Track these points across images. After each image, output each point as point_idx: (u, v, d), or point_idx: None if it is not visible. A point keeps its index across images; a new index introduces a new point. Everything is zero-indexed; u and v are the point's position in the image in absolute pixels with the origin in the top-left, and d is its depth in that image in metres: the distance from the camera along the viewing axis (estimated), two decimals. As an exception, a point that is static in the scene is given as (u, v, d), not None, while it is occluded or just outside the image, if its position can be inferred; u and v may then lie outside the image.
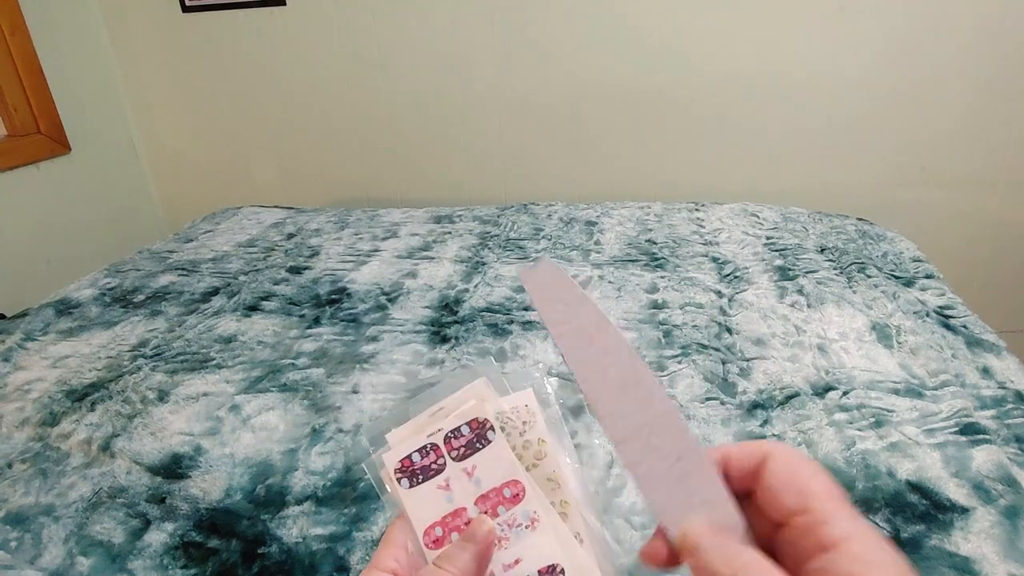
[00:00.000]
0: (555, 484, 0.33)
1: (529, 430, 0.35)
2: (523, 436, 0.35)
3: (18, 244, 1.63)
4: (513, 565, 0.31)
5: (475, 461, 0.34)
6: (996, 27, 1.37)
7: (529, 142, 1.71)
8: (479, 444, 0.34)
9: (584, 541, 0.32)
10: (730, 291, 0.95)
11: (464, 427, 0.34)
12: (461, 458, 0.34)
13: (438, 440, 0.34)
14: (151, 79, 1.88)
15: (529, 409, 0.36)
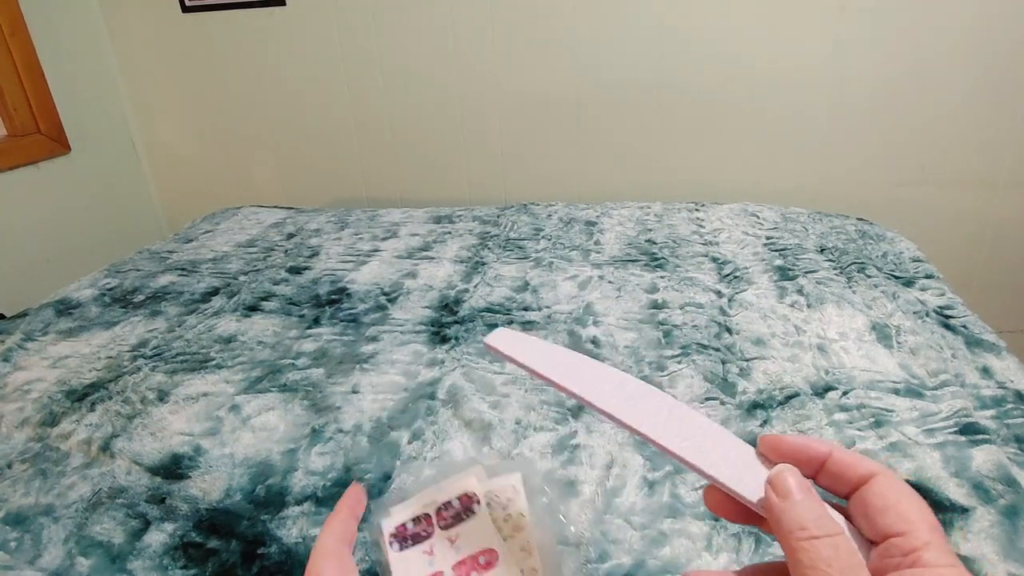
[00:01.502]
0: (527, 553, 0.37)
1: (511, 506, 0.39)
2: (505, 510, 0.39)
3: (18, 244, 1.63)
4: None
5: (459, 531, 0.37)
6: (996, 27, 1.37)
7: (529, 142, 1.71)
8: (464, 516, 0.38)
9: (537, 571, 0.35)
10: (730, 291, 0.95)
11: (455, 500, 0.39)
12: (447, 527, 0.38)
13: (431, 511, 0.39)
14: (151, 79, 1.88)
15: (515, 489, 0.40)
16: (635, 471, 0.61)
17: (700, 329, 0.85)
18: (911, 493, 0.26)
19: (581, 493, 0.58)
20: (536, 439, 0.65)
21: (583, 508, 0.57)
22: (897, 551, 0.24)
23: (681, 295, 0.94)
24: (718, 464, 0.29)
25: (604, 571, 0.51)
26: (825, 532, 0.24)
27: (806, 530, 0.24)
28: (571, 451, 0.63)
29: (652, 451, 0.63)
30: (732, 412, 0.69)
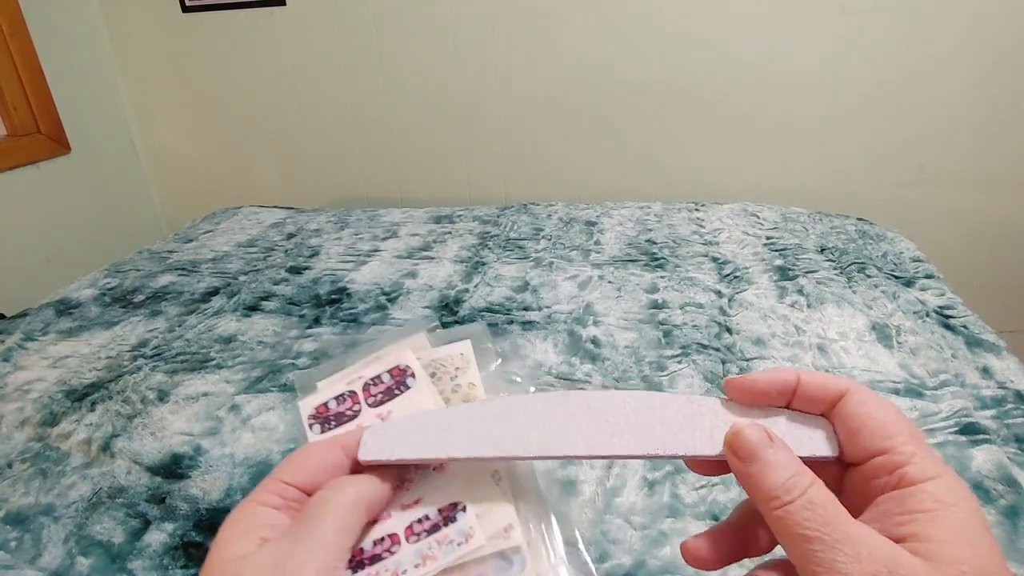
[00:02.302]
0: None
1: (460, 375, 0.35)
2: (454, 380, 0.35)
3: (18, 244, 1.63)
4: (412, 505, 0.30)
5: (391, 407, 0.33)
6: (996, 27, 1.37)
7: (529, 142, 1.71)
8: (397, 390, 0.34)
9: (503, 479, 0.31)
10: (730, 291, 0.95)
11: (385, 374, 0.34)
12: (377, 404, 0.33)
13: (357, 387, 0.34)
14: (151, 79, 1.88)
15: (464, 357, 0.36)
16: (635, 471, 0.61)
17: (700, 329, 0.85)
18: (885, 405, 0.25)
19: (581, 493, 0.58)
20: (536, 439, 0.65)
21: (583, 508, 0.57)
22: (882, 471, 0.23)
23: (681, 295, 0.94)
24: (674, 437, 0.27)
25: (604, 571, 0.51)
26: (797, 494, 0.22)
27: (777, 499, 0.22)
28: (571, 451, 0.63)
29: (652, 451, 0.63)
30: (732, 412, 0.69)
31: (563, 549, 0.30)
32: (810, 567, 0.21)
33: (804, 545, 0.21)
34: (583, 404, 0.29)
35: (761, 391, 0.27)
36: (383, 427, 0.30)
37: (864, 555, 0.20)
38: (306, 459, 0.29)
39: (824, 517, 0.21)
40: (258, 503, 0.27)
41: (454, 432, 0.29)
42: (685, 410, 0.28)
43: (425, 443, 0.29)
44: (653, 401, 0.28)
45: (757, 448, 0.24)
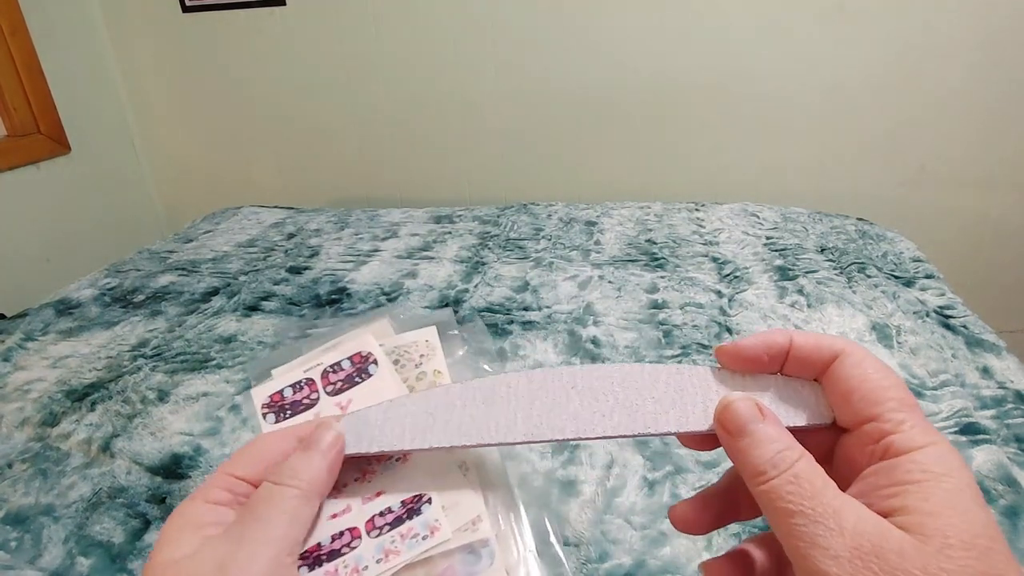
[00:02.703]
0: None
1: (426, 362, 0.34)
2: (418, 368, 0.34)
3: (18, 244, 1.63)
4: (373, 498, 0.28)
5: (351, 395, 0.32)
6: (997, 26, 1.37)
7: (529, 142, 1.71)
8: (358, 378, 0.32)
9: (471, 470, 0.29)
10: (730, 291, 0.95)
11: (345, 361, 0.33)
12: (336, 392, 0.32)
13: (315, 375, 0.32)
14: (151, 79, 1.88)
15: (429, 344, 0.34)
16: (635, 471, 0.61)
17: (700, 329, 0.85)
18: (879, 368, 0.24)
19: (581, 493, 0.58)
20: (536, 439, 0.65)
21: (583, 508, 0.57)
22: (870, 439, 0.22)
23: (681, 295, 0.94)
24: (665, 414, 0.26)
25: (604, 571, 0.51)
26: (783, 468, 0.21)
27: (764, 474, 0.22)
28: (571, 451, 0.63)
29: (652, 451, 0.63)
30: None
31: (533, 542, 0.29)
32: (793, 541, 0.20)
33: (787, 519, 0.21)
34: (569, 383, 0.27)
35: (752, 357, 0.26)
36: (358, 417, 0.28)
37: (847, 528, 0.20)
38: (258, 451, 0.27)
39: (809, 491, 0.21)
40: (204, 500, 0.25)
41: (436, 420, 0.27)
42: (675, 383, 0.27)
43: (405, 433, 0.27)
44: (642, 375, 0.27)
45: (746, 422, 0.23)
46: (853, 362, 0.24)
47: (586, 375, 0.27)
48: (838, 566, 0.19)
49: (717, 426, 0.24)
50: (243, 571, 0.22)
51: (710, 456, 0.62)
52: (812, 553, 0.20)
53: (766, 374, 0.27)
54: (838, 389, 0.24)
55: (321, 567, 0.25)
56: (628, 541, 0.54)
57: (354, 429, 0.28)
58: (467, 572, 0.26)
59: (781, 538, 0.21)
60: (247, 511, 0.25)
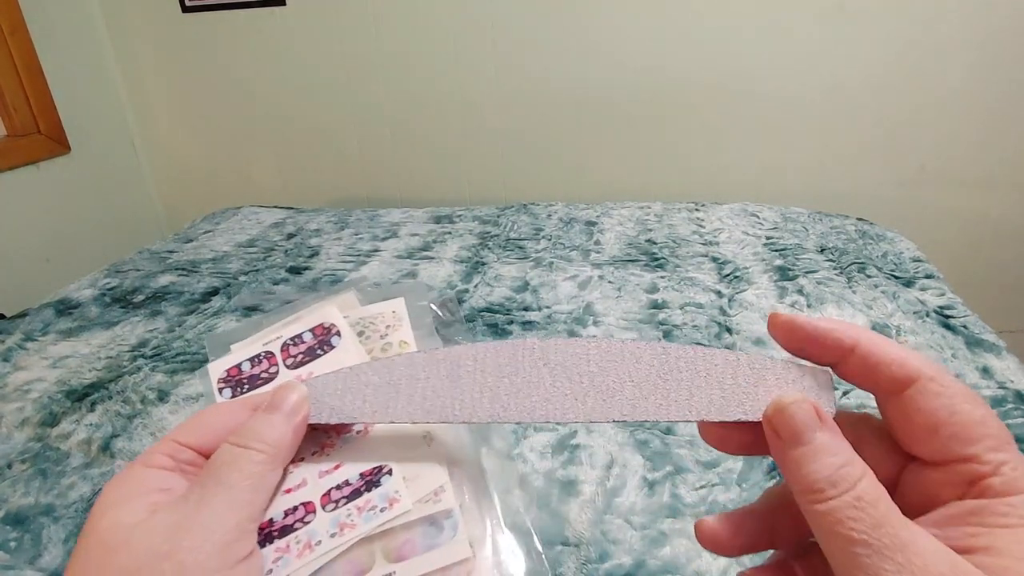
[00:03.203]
0: None
1: (392, 333, 0.32)
2: (384, 339, 0.32)
3: (18, 244, 1.63)
4: (332, 471, 0.26)
5: (312, 368, 0.30)
6: (997, 26, 1.37)
7: (529, 142, 1.71)
8: (320, 351, 0.31)
9: (434, 440, 0.28)
10: (730, 291, 0.95)
11: (307, 333, 0.32)
12: (297, 365, 0.30)
13: (274, 348, 0.31)
14: (151, 79, 1.88)
15: (396, 315, 0.33)
16: (635, 471, 0.61)
17: (700, 329, 0.85)
18: (967, 396, 0.21)
19: (581, 493, 0.58)
20: (536, 439, 0.65)
21: (583, 508, 0.57)
22: (959, 478, 0.20)
23: (681, 295, 0.94)
24: (644, 400, 0.24)
25: (604, 571, 0.51)
26: (844, 487, 0.19)
27: (821, 492, 0.19)
28: (571, 451, 0.63)
29: (652, 451, 0.63)
30: (732, 412, 0.69)
31: (501, 515, 0.27)
32: (851, 571, 0.18)
33: (847, 547, 0.19)
34: (541, 358, 0.25)
35: (809, 338, 0.23)
36: (317, 384, 0.26)
37: (918, 566, 0.18)
38: (207, 419, 0.25)
39: (873, 517, 0.19)
40: (145, 465, 0.23)
41: (399, 393, 0.25)
42: (659, 366, 0.24)
43: (366, 404, 0.25)
44: (622, 354, 0.25)
45: (804, 429, 0.21)
46: (937, 390, 0.21)
47: (560, 350, 0.25)
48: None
49: (768, 429, 0.22)
50: (203, 536, 0.21)
51: (711, 456, 0.62)
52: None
53: (765, 358, 0.24)
54: (920, 419, 0.21)
55: (272, 543, 0.24)
56: (628, 541, 0.54)
57: (314, 397, 0.26)
58: (428, 544, 0.25)
59: (836, 564, 0.19)
60: (207, 475, 0.23)
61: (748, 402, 0.24)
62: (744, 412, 0.23)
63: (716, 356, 0.24)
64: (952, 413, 0.20)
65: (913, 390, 0.21)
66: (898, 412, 0.22)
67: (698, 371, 0.24)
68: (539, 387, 0.25)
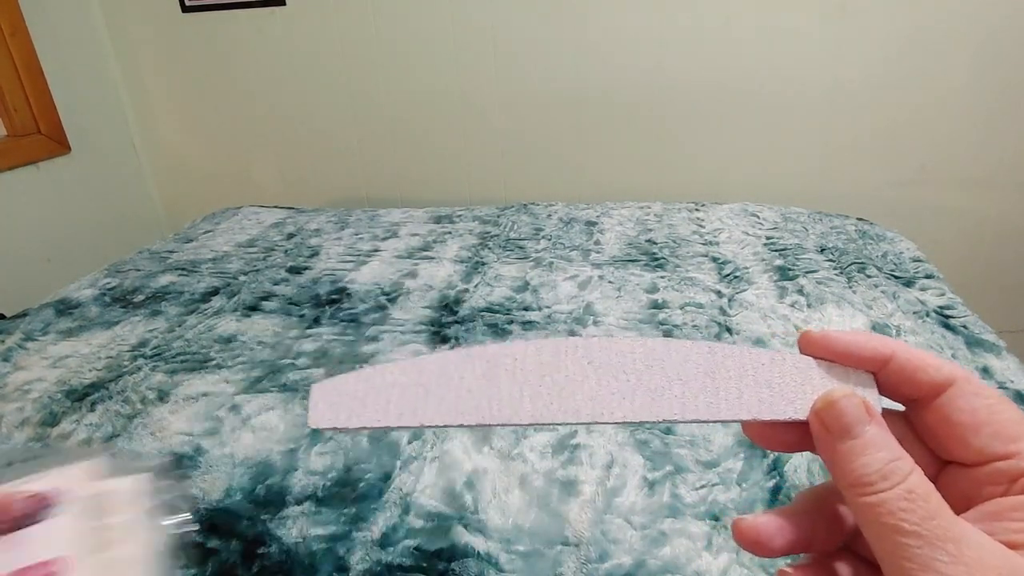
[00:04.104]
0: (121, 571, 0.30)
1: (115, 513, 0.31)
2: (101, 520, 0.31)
3: (18, 244, 1.63)
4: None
5: (22, 536, 0.29)
6: (997, 26, 1.37)
7: (529, 142, 1.71)
8: (33, 520, 0.30)
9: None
10: (730, 291, 0.95)
11: (21, 501, 0.30)
12: (5, 531, 0.30)
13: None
14: (151, 79, 1.88)
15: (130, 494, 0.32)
16: (635, 471, 0.61)
17: (700, 329, 0.85)
18: (1004, 401, 0.21)
19: (581, 493, 0.58)
20: (536, 439, 0.65)
21: (583, 508, 0.57)
22: (1001, 477, 0.20)
23: (681, 295, 0.94)
24: (695, 399, 0.23)
25: (604, 571, 0.51)
26: (895, 480, 0.19)
27: (871, 485, 0.19)
28: (571, 451, 0.63)
29: (652, 451, 0.63)
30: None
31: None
32: (901, 563, 0.18)
33: (897, 538, 0.19)
34: (585, 357, 0.24)
35: (844, 352, 0.23)
36: (334, 384, 0.24)
37: (971, 557, 0.18)
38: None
39: (926, 510, 0.19)
40: None
41: (429, 394, 0.24)
42: (706, 364, 0.24)
43: (391, 406, 0.23)
44: (668, 353, 0.24)
45: (854, 423, 0.21)
46: (974, 391, 0.22)
47: (604, 349, 0.24)
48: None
49: (815, 423, 0.22)
50: None
51: (711, 456, 0.62)
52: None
53: (809, 358, 0.24)
54: (961, 419, 0.21)
55: None
56: (628, 541, 0.54)
57: (329, 399, 0.24)
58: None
59: (883, 557, 0.19)
60: None
61: (798, 400, 0.23)
62: (795, 410, 0.23)
63: (762, 355, 0.24)
64: (992, 412, 0.21)
65: (951, 393, 0.22)
66: (937, 416, 0.22)
67: (746, 370, 0.24)
68: (584, 386, 0.24)
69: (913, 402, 0.23)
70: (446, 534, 0.55)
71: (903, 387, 0.23)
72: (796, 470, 0.60)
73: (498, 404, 0.23)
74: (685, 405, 0.23)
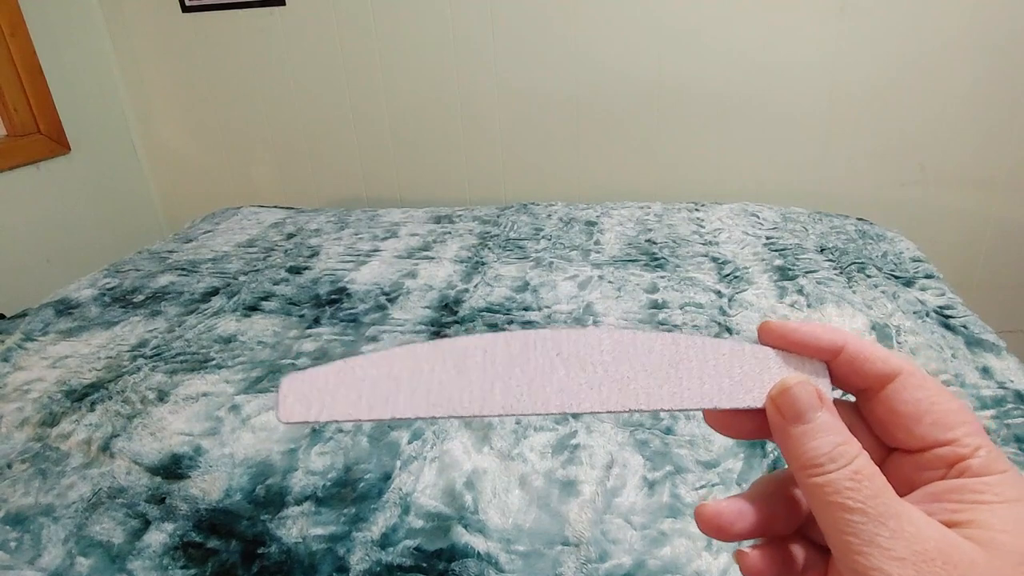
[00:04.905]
0: None
1: None
2: None
3: (18, 244, 1.63)
4: None
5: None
6: (997, 26, 1.37)
7: (529, 142, 1.71)
8: None
9: None
10: (730, 291, 0.95)
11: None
12: None
13: None
14: (151, 79, 1.88)
15: None
16: (635, 471, 0.61)
17: (700, 329, 0.85)
18: (945, 392, 0.23)
19: (581, 493, 0.58)
20: (536, 439, 0.65)
21: (583, 508, 0.57)
22: (940, 463, 0.22)
23: (681, 295, 0.94)
24: (659, 389, 0.24)
25: (604, 571, 0.51)
26: (842, 463, 0.21)
27: (820, 466, 0.21)
28: (571, 451, 0.63)
29: (652, 451, 0.63)
30: (732, 412, 0.69)
31: None
32: (845, 538, 0.20)
33: (842, 514, 0.20)
34: (553, 349, 0.24)
35: (799, 342, 0.25)
36: (304, 377, 0.24)
37: (910, 533, 0.19)
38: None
39: (870, 489, 0.20)
40: None
41: (400, 386, 0.23)
42: (669, 355, 0.25)
43: (362, 399, 0.23)
44: (634, 344, 0.25)
45: (806, 409, 0.22)
46: (918, 383, 0.23)
47: (572, 341, 0.25)
48: (901, 567, 0.19)
49: (770, 407, 0.23)
50: None
51: (711, 456, 0.62)
52: (870, 551, 0.19)
53: (766, 348, 0.25)
54: (901, 409, 0.23)
55: None
56: (628, 541, 0.54)
57: (299, 392, 0.23)
58: None
59: (830, 534, 0.21)
60: None
61: (756, 389, 0.24)
62: (753, 399, 0.24)
63: (722, 346, 0.25)
64: (933, 403, 0.22)
65: (897, 383, 0.23)
66: (883, 406, 0.23)
67: (707, 360, 0.25)
68: (553, 377, 0.24)
69: (862, 392, 0.24)
70: (446, 534, 0.55)
71: (853, 377, 0.24)
72: (796, 470, 0.60)
73: (469, 396, 0.24)
74: (650, 395, 0.24)
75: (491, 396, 0.24)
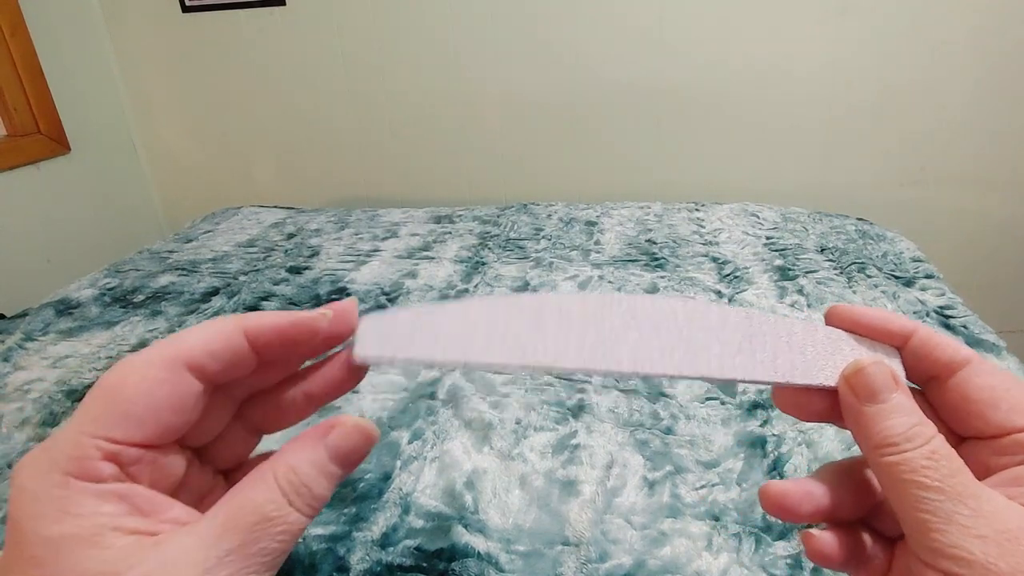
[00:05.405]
0: None
1: None
2: None
3: (18, 244, 1.63)
4: None
5: None
6: (997, 26, 1.37)
7: (529, 142, 1.71)
8: None
9: None
10: (730, 291, 0.95)
11: None
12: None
13: None
14: (151, 79, 1.88)
15: None
16: (635, 471, 0.61)
17: (700, 329, 0.85)
18: (1016, 379, 0.23)
19: (581, 493, 0.58)
20: (536, 439, 0.65)
21: (583, 508, 0.57)
22: (1019, 448, 0.21)
23: (681, 295, 0.94)
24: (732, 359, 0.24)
25: (604, 571, 0.51)
26: (918, 444, 0.20)
27: (895, 445, 0.20)
28: (571, 451, 0.63)
29: (652, 451, 0.63)
30: (732, 412, 0.69)
31: None
32: (922, 516, 0.19)
33: (919, 491, 0.19)
34: (629, 312, 0.25)
35: (870, 326, 0.25)
36: (383, 317, 0.25)
37: (990, 512, 0.19)
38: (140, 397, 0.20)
39: (948, 469, 0.20)
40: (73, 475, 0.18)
41: (478, 332, 0.24)
42: (744, 329, 0.25)
43: (438, 343, 0.23)
44: (708, 315, 0.25)
45: (882, 388, 0.22)
46: (989, 370, 0.23)
47: (648, 306, 0.25)
48: (983, 545, 0.18)
49: (844, 387, 0.23)
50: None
51: (711, 456, 0.62)
52: (948, 529, 0.19)
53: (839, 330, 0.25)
54: (978, 396, 0.23)
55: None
56: (628, 541, 0.54)
57: (377, 331, 0.25)
58: None
59: (905, 513, 0.20)
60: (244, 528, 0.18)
61: (828, 368, 0.24)
62: (826, 377, 0.24)
63: (795, 324, 0.25)
64: (1008, 389, 0.22)
65: (967, 371, 0.23)
66: (955, 394, 0.23)
67: (780, 336, 0.25)
68: (626, 337, 0.24)
69: (931, 380, 0.24)
70: (446, 534, 0.55)
71: (922, 364, 0.24)
72: (796, 470, 0.60)
73: (543, 348, 0.23)
74: (723, 365, 0.24)
75: (566, 350, 0.23)
